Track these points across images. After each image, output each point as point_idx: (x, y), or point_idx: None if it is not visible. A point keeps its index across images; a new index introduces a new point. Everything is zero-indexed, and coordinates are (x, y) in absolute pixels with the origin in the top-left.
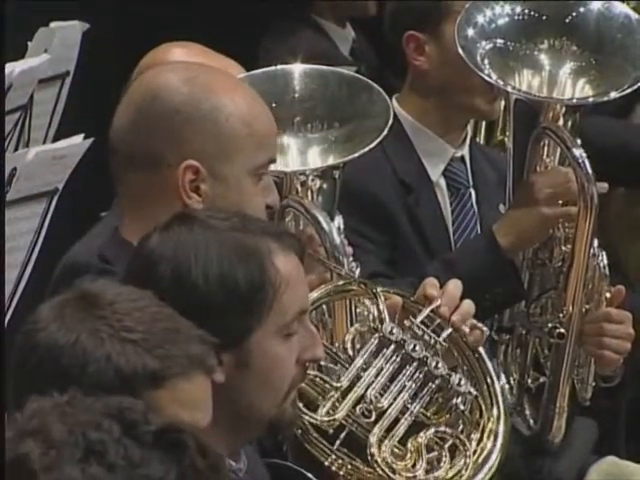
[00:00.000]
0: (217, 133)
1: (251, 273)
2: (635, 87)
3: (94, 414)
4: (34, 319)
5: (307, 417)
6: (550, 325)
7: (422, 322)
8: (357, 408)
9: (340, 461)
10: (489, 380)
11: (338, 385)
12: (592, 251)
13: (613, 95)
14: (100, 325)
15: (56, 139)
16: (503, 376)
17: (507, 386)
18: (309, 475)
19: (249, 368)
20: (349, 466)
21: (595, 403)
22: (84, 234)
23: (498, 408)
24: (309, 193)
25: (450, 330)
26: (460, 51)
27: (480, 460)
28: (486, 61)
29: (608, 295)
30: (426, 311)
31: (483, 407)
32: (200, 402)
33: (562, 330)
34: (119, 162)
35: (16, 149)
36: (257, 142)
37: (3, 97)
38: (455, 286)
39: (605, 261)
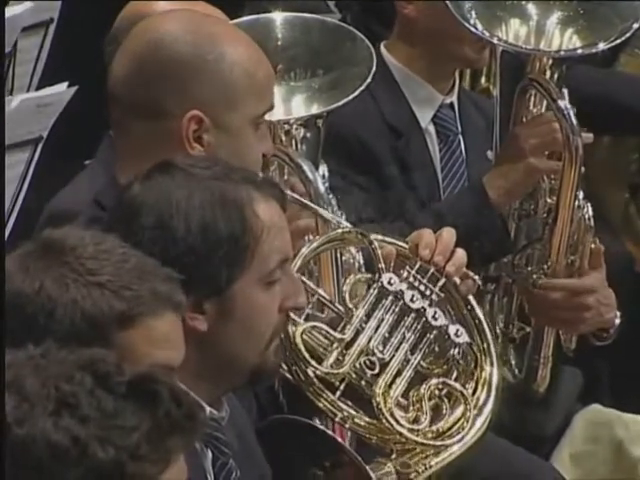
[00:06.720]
0: (222, 83)
1: (232, 221)
2: (622, 39)
3: (66, 367)
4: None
5: (312, 369)
6: (534, 276)
7: (417, 271)
8: (361, 360)
9: (345, 413)
10: (481, 330)
11: (342, 337)
12: (577, 203)
13: (601, 47)
14: (65, 271)
15: (40, 87)
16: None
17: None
18: (317, 425)
19: (232, 316)
20: (354, 419)
21: (580, 352)
22: (68, 182)
23: (491, 358)
24: (293, 142)
25: (444, 280)
26: (447, 1)
27: (476, 411)
28: (473, 11)
29: (593, 246)
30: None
31: (478, 357)
32: (171, 340)
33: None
34: (120, 110)
35: None
36: (259, 92)
37: (3, 44)
38: (449, 235)
39: (590, 213)
